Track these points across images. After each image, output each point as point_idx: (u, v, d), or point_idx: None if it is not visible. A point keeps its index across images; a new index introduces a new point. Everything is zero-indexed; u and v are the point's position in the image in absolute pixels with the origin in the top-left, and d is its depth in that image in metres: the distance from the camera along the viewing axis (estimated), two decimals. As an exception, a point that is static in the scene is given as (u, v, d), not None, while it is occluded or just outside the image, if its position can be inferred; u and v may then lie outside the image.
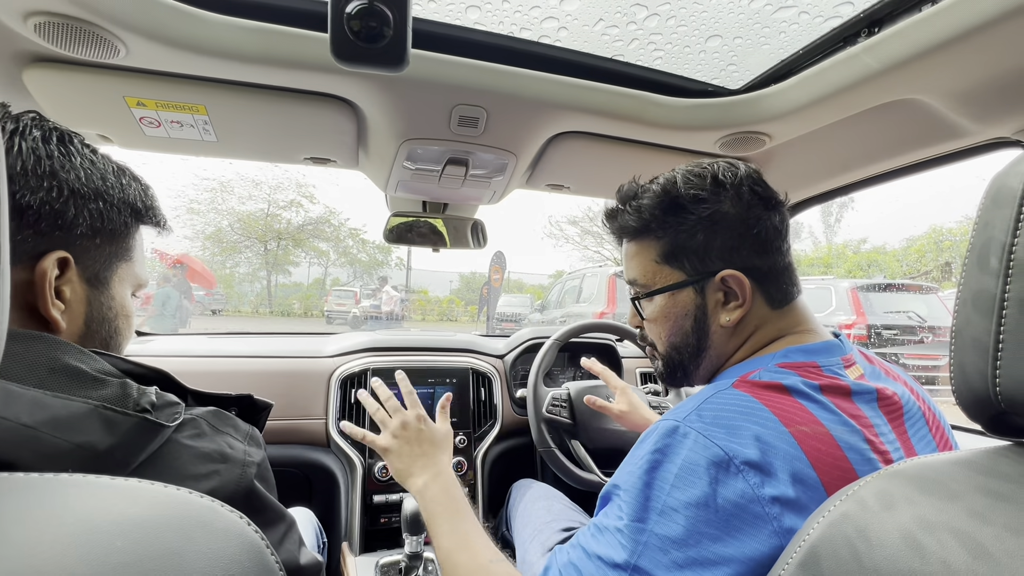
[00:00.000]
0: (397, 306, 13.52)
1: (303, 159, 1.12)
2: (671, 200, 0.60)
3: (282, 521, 0.51)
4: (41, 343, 0.43)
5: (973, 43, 0.64)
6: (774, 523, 0.43)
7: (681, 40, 0.85)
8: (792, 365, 0.53)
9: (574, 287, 9.42)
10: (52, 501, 0.25)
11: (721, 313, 0.60)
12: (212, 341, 1.53)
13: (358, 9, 0.45)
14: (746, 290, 0.58)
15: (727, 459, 0.45)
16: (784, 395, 0.50)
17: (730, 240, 0.58)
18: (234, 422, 0.50)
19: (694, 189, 0.59)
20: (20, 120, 0.47)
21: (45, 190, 0.45)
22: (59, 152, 0.47)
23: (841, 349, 0.57)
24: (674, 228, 0.60)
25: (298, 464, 1.34)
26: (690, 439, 0.47)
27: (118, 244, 0.53)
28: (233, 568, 0.27)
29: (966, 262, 0.35)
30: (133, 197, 0.53)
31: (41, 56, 0.77)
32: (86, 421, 0.39)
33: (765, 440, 0.45)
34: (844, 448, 0.47)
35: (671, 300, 0.62)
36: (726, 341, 0.61)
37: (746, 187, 0.59)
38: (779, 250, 0.60)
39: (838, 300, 5.55)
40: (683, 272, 0.61)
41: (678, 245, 0.61)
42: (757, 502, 0.43)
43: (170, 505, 0.28)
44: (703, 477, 0.45)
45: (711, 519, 0.43)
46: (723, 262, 0.59)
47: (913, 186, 23.25)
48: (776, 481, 0.44)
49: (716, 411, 0.49)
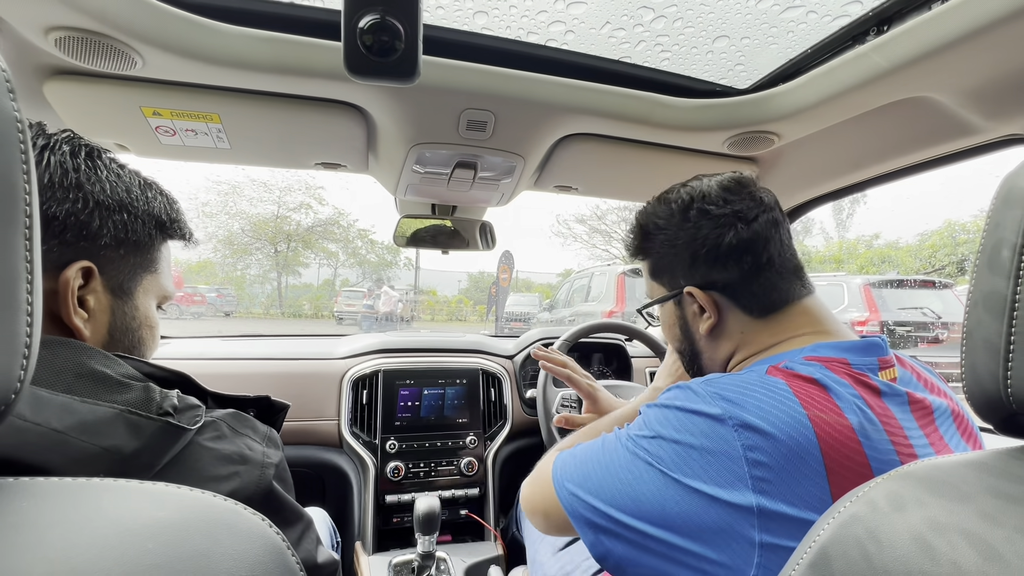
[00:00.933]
0: (396, 307, 13.38)
1: (314, 164, 1.13)
2: (641, 228, 0.69)
3: (300, 521, 0.52)
4: (67, 349, 0.44)
5: (984, 40, 0.63)
6: (751, 482, 0.44)
7: (688, 41, 0.85)
8: (821, 359, 0.53)
9: (583, 286, 9.40)
10: (86, 505, 0.27)
11: (699, 323, 0.65)
12: (226, 343, 1.55)
13: (370, 24, 0.46)
14: (708, 304, 0.63)
15: (725, 417, 0.47)
16: (812, 384, 0.50)
17: (685, 260, 0.64)
18: (252, 424, 0.52)
19: (655, 218, 0.66)
20: (52, 137, 0.48)
21: (71, 201, 0.47)
22: (86, 166, 0.49)
23: (881, 350, 0.57)
24: (649, 252, 0.69)
25: (311, 464, 1.36)
26: (698, 394, 0.51)
27: (143, 255, 0.54)
28: (257, 569, 0.28)
29: (977, 263, 0.35)
30: (158, 210, 0.55)
31: (61, 69, 0.79)
32: (112, 425, 0.40)
33: (774, 414, 0.46)
34: (864, 443, 0.47)
35: (662, 310, 0.72)
36: (715, 347, 0.66)
37: (694, 209, 0.62)
38: (744, 263, 0.60)
39: (850, 297, 5.48)
40: (664, 287, 0.69)
41: (655, 265, 0.69)
42: (743, 461, 0.45)
43: (196, 508, 0.29)
44: (700, 421, 0.48)
45: (700, 450, 0.47)
46: (685, 279, 0.64)
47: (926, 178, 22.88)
48: (769, 452, 0.45)
49: (733, 381, 0.51)
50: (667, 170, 1.15)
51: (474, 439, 1.40)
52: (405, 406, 1.38)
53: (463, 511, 1.39)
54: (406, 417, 1.38)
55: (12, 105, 0.26)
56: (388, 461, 1.31)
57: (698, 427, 0.49)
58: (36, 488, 0.27)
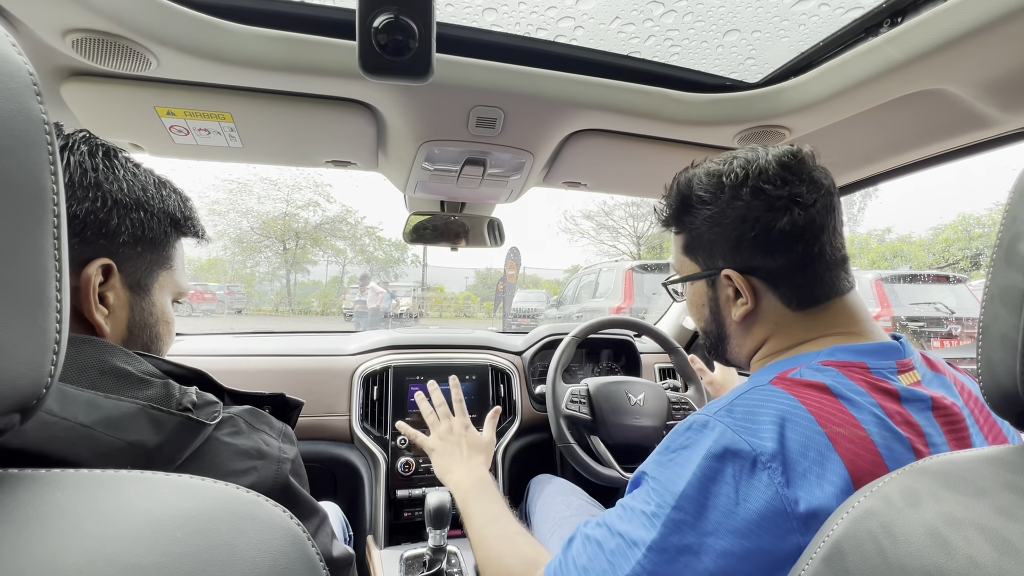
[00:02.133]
0: (385, 302, 12.78)
1: (324, 162, 1.14)
2: (683, 199, 0.63)
3: (315, 515, 0.53)
4: (90, 346, 0.45)
5: (1001, 31, 0.62)
6: (795, 521, 0.42)
7: (698, 35, 0.84)
8: (837, 364, 0.52)
9: (590, 282, 9.37)
10: (116, 496, 0.27)
11: (732, 308, 0.61)
12: (239, 340, 1.57)
13: (385, 23, 0.47)
14: (746, 290, 0.59)
15: (753, 455, 0.45)
16: (825, 395, 0.48)
17: (730, 241, 0.59)
18: (268, 420, 0.53)
19: (701, 190, 0.61)
20: (70, 137, 0.49)
21: (90, 200, 0.48)
22: (104, 165, 0.50)
23: (899, 352, 0.54)
24: (687, 225, 0.64)
25: (323, 460, 1.38)
26: (716, 432, 0.47)
27: (158, 252, 0.55)
28: (280, 559, 0.29)
29: (993, 257, 0.35)
30: (172, 208, 0.56)
31: (77, 70, 0.81)
32: (136, 420, 0.41)
33: (797, 439, 0.45)
34: (884, 455, 0.45)
35: (691, 288, 0.67)
36: (744, 336, 0.62)
37: (748, 187, 0.57)
38: (794, 251, 0.56)
39: (862, 292, 5.42)
40: (697, 265, 0.64)
41: (692, 240, 0.64)
42: (780, 499, 0.43)
43: (220, 499, 0.30)
44: (726, 471, 0.45)
45: (731, 512, 0.44)
46: (724, 261, 0.60)
47: (940, 171, 22.47)
48: (803, 481, 0.43)
49: (748, 407, 0.49)
50: (677, 165, 1.12)
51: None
52: (415, 402, 1.39)
53: None
54: (416, 412, 1.38)
55: (40, 108, 0.27)
56: (399, 456, 1.32)
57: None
58: (68, 479, 0.28)
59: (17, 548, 0.23)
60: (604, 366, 1.77)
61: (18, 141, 0.25)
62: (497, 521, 0.73)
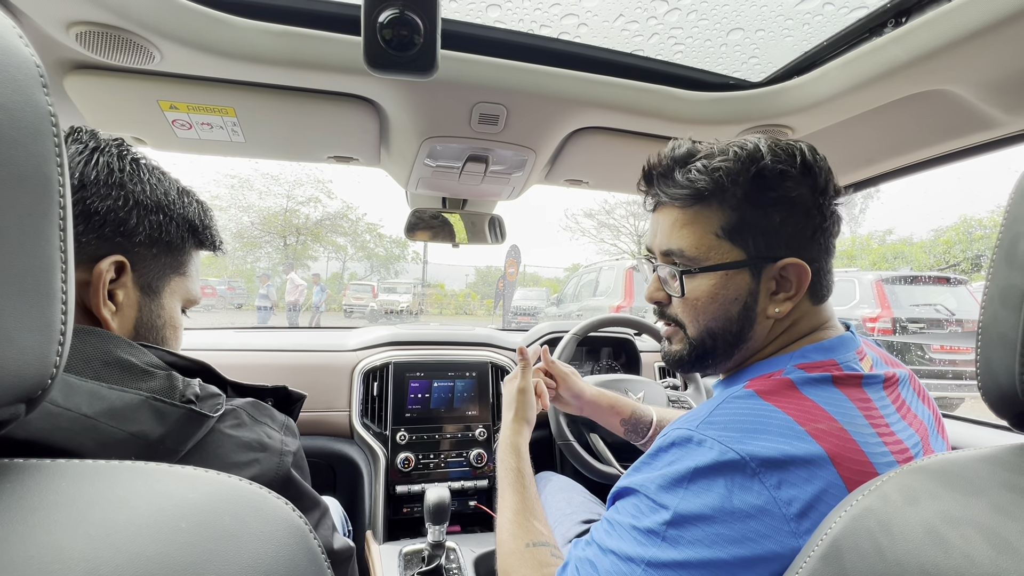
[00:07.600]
0: (301, 296, 11.41)
1: (327, 158, 1.14)
2: (756, 170, 0.53)
3: (317, 508, 0.53)
4: (95, 337, 0.45)
5: (1007, 32, 0.62)
6: (792, 524, 0.42)
7: (702, 34, 0.84)
8: (811, 365, 0.53)
9: (591, 280, 9.38)
10: (121, 486, 0.28)
11: (770, 303, 0.55)
12: (240, 335, 1.58)
13: (390, 18, 0.47)
14: (804, 283, 0.54)
15: (742, 462, 0.44)
16: (793, 391, 0.49)
17: (804, 228, 0.54)
18: (271, 412, 0.53)
19: (782, 164, 0.53)
20: (103, 141, 0.51)
21: (112, 199, 0.49)
22: (130, 168, 0.51)
23: (855, 342, 0.57)
24: (750, 201, 0.53)
25: (323, 455, 1.38)
26: (705, 446, 0.47)
27: (173, 257, 0.56)
28: (282, 550, 0.29)
29: (994, 257, 0.35)
30: (192, 215, 0.57)
31: (81, 63, 0.81)
32: (139, 411, 0.41)
33: (782, 441, 0.45)
34: (859, 441, 0.47)
35: (723, 280, 0.56)
36: (766, 333, 0.57)
37: (824, 174, 0.54)
38: (834, 239, 0.57)
39: (862, 292, 5.42)
40: (744, 251, 0.55)
41: (748, 221, 0.54)
42: (774, 503, 0.43)
43: (224, 491, 0.30)
44: (718, 482, 0.45)
45: (727, 522, 0.43)
46: (789, 249, 0.54)
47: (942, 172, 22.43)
48: (795, 481, 0.44)
49: (729, 416, 0.49)
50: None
51: (483, 431, 1.41)
52: (415, 398, 1.40)
53: (472, 502, 1.40)
54: (416, 409, 1.39)
55: (46, 100, 0.27)
56: (398, 452, 1.33)
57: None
58: (73, 469, 0.28)
59: (24, 536, 0.23)
60: (604, 364, 1.77)
61: (25, 133, 0.25)
62: (514, 520, 0.74)
